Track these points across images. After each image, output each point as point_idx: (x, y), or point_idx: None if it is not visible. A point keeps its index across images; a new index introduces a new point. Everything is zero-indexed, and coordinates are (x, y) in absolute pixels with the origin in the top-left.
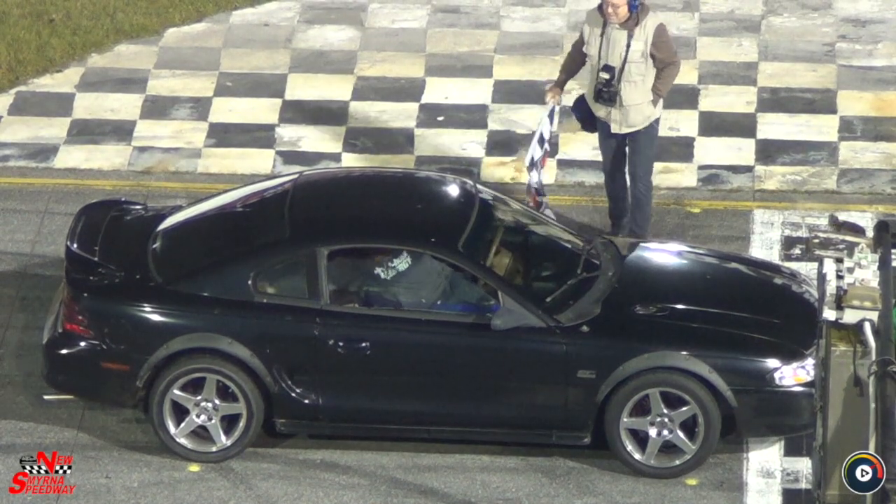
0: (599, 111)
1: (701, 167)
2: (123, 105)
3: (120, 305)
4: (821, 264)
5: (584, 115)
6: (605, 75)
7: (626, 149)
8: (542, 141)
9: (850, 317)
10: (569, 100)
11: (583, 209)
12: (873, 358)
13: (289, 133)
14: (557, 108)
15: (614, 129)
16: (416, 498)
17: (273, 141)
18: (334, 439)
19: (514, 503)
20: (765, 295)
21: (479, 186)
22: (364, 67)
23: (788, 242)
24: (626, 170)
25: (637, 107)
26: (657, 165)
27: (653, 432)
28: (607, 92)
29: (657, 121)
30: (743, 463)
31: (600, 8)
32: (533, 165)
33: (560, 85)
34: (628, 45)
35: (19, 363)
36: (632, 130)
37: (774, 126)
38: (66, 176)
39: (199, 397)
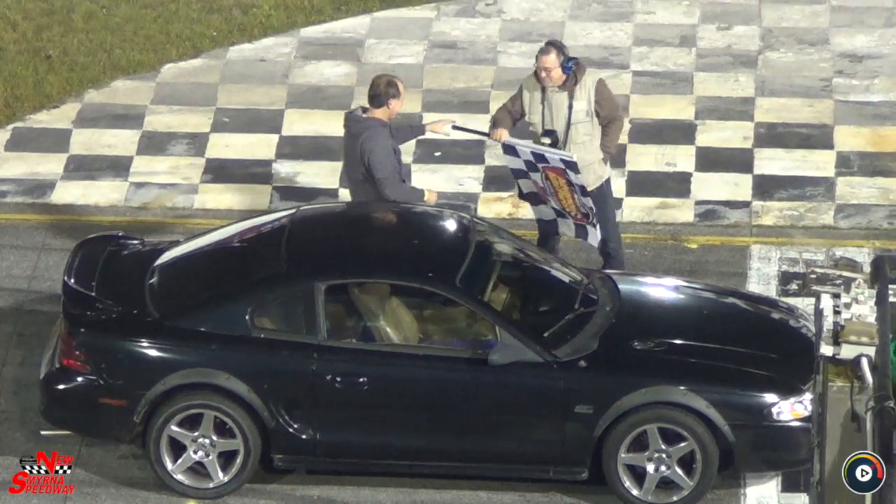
0: None
1: (698, 202)
2: (120, 141)
3: (117, 340)
4: (818, 300)
5: None
6: (547, 140)
7: None
8: (527, 170)
9: (847, 352)
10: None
11: None
12: (871, 393)
13: (286, 168)
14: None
15: None
16: None
17: (270, 176)
18: (332, 475)
19: None
20: (762, 330)
21: (476, 221)
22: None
23: (786, 278)
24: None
25: (588, 166)
26: (654, 201)
27: (650, 468)
28: None
29: (608, 180)
30: (740, 498)
31: (536, 73)
32: (539, 200)
33: (502, 125)
34: (570, 107)
35: (16, 399)
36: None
37: (771, 161)
38: (62, 212)
39: (196, 433)
